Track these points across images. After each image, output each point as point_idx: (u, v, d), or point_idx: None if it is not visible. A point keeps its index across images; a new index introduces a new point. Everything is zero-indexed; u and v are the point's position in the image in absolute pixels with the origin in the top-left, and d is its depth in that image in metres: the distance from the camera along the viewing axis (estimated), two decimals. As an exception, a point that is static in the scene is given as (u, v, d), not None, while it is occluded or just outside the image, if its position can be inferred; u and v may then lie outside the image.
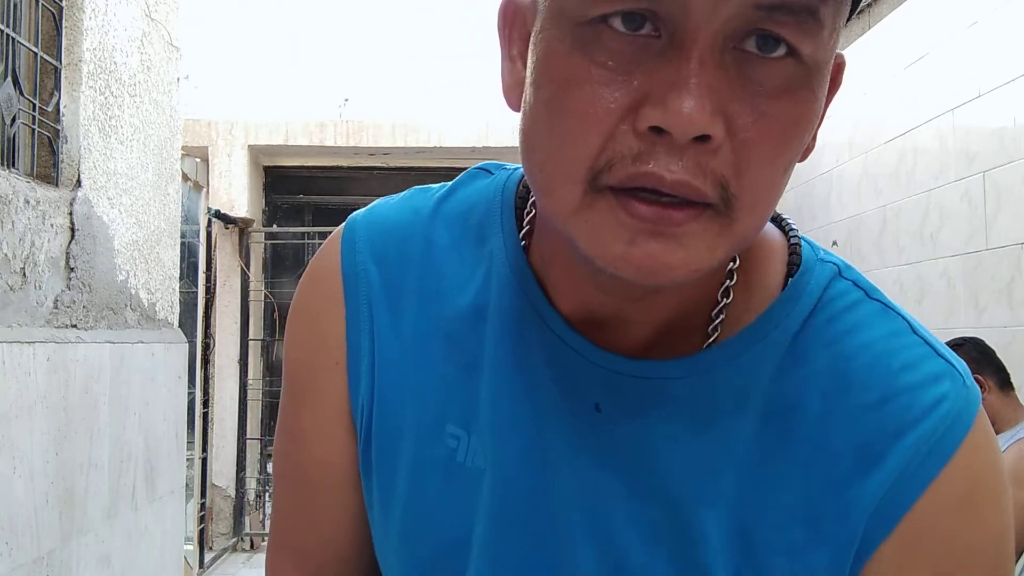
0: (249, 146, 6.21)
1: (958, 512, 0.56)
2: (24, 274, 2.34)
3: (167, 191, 3.41)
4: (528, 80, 0.54)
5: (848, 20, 0.53)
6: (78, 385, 2.53)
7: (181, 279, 3.87)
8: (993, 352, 3.00)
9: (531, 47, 0.54)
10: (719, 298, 0.60)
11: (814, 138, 0.55)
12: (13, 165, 2.46)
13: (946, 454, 0.56)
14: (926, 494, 0.56)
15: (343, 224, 0.71)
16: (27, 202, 2.36)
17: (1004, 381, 2.95)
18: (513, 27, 0.57)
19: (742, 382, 0.58)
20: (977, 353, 2.99)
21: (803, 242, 0.64)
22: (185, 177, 5.62)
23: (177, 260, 3.59)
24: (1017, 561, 2.77)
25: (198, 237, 6.12)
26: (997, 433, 2.90)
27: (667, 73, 0.47)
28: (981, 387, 2.92)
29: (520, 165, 0.62)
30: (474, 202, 0.68)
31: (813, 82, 0.49)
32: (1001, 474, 0.58)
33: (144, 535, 3.04)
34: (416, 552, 0.65)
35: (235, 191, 6.16)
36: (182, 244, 3.99)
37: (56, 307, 2.51)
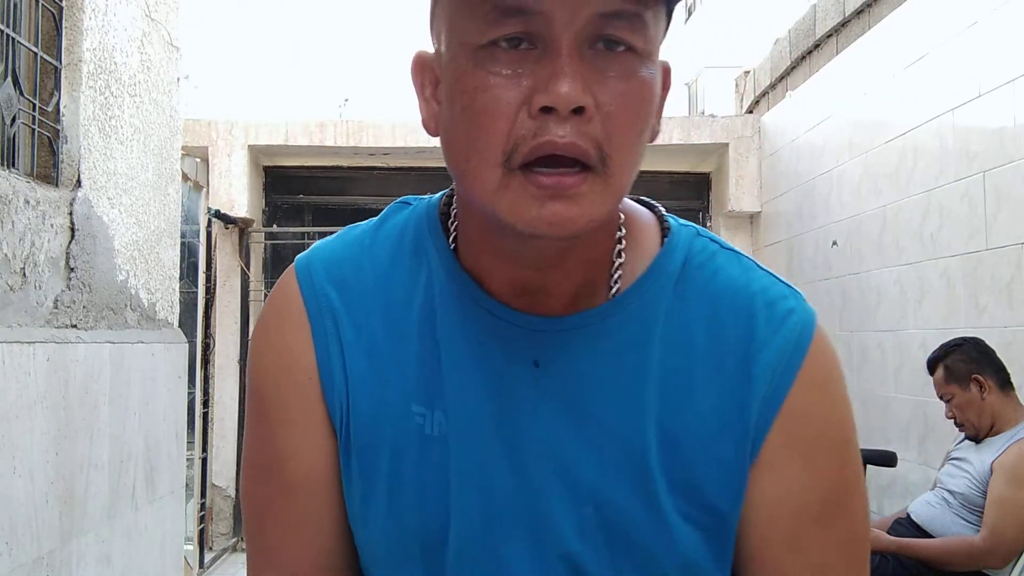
0: (249, 146, 6.20)
1: (819, 393, 0.77)
2: (24, 274, 2.34)
3: (167, 191, 3.41)
4: (445, 102, 0.72)
5: (667, 26, 0.72)
6: (78, 385, 2.53)
7: (181, 279, 3.87)
8: (993, 352, 3.00)
9: (443, 78, 0.72)
10: (614, 260, 0.78)
11: (659, 120, 0.74)
12: (13, 165, 2.46)
13: (803, 351, 0.76)
14: (795, 383, 0.75)
15: (291, 265, 0.85)
16: (27, 202, 2.36)
17: (1004, 381, 2.95)
18: (424, 75, 0.76)
19: (643, 320, 0.77)
20: (977, 353, 2.99)
21: (668, 217, 0.84)
22: (185, 177, 5.62)
23: (177, 260, 3.59)
24: (1017, 561, 2.77)
25: (198, 237, 6.11)
26: (997, 433, 2.91)
27: (546, 70, 0.66)
28: (981, 387, 2.92)
29: (431, 196, 0.85)
30: (403, 226, 0.84)
31: (648, 67, 0.69)
32: (839, 363, 0.79)
33: (144, 535, 3.04)
34: (403, 521, 0.78)
35: (235, 191, 6.16)
36: (182, 244, 3.99)
37: (56, 307, 2.51)
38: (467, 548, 0.77)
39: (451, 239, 0.81)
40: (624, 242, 0.79)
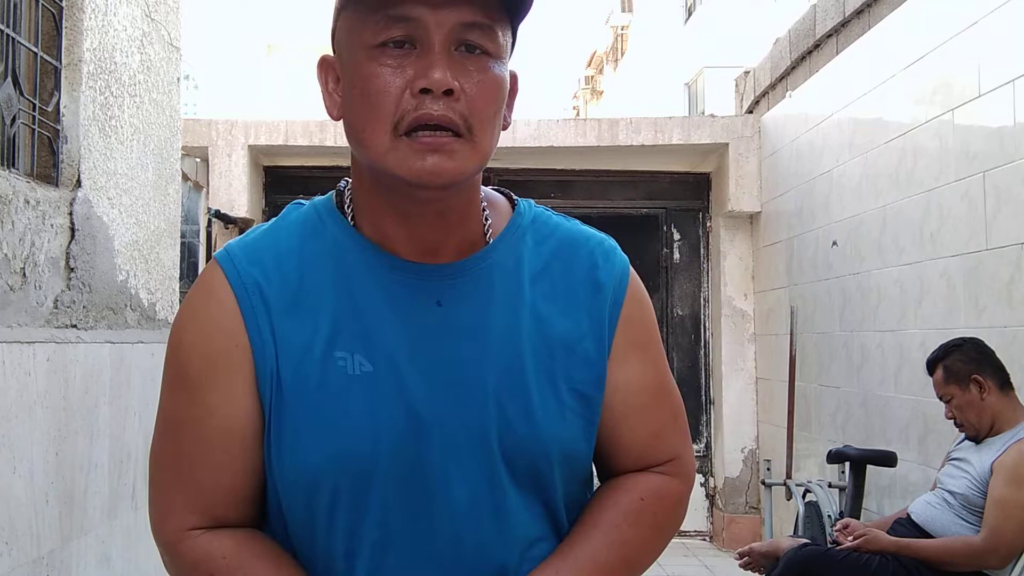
0: (249, 146, 6.20)
1: (640, 304, 1.06)
2: (24, 274, 2.34)
3: (167, 191, 3.41)
4: (345, 91, 0.95)
5: (514, 35, 0.96)
6: (78, 385, 2.53)
7: (181, 279, 3.86)
8: (993, 352, 3.00)
9: (343, 74, 0.95)
10: (484, 222, 1.02)
11: (510, 113, 0.99)
12: (13, 165, 2.46)
13: (627, 275, 1.05)
14: (626, 298, 1.04)
15: (210, 261, 1.01)
16: (27, 202, 2.36)
17: (1004, 381, 2.94)
18: (328, 73, 0.99)
19: (512, 258, 1.01)
20: (977, 353, 2.99)
21: (514, 195, 1.09)
22: (185, 177, 5.62)
23: (177, 260, 3.59)
24: (1017, 562, 2.77)
25: (198, 237, 6.11)
26: (997, 433, 2.91)
27: (423, 63, 0.89)
28: (981, 388, 2.92)
29: (323, 195, 1.05)
30: (304, 218, 1.02)
31: (498, 66, 0.93)
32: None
33: (144, 535, 3.04)
34: (336, 450, 0.93)
35: (235, 191, 6.16)
36: (182, 244, 3.99)
37: (56, 307, 2.51)
38: (396, 463, 0.93)
39: (350, 219, 1.00)
40: (487, 210, 1.03)
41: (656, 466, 1.06)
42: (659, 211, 6.63)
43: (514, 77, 0.99)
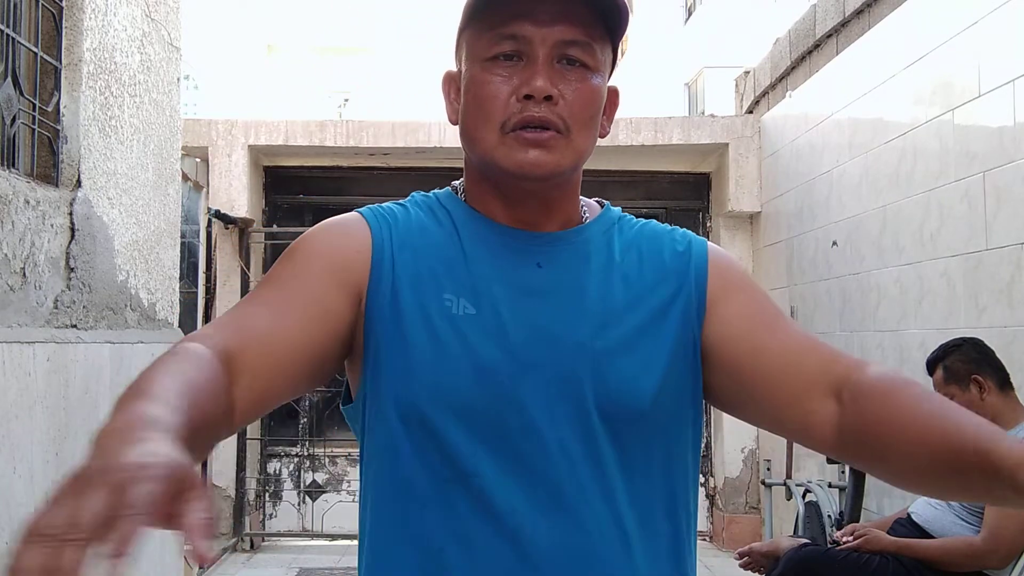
0: (249, 146, 6.20)
1: (730, 261, 1.15)
2: (24, 274, 2.34)
3: (167, 191, 3.41)
4: (463, 98, 1.08)
5: (614, 52, 1.08)
6: (78, 385, 2.53)
7: (181, 279, 3.86)
8: (992, 352, 3.00)
9: (462, 82, 1.08)
10: (581, 211, 1.14)
11: (609, 124, 1.11)
12: (13, 165, 2.46)
13: (706, 247, 1.13)
14: (710, 257, 1.12)
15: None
16: (27, 202, 2.36)
17: (1004, 381, 2.94)
18: (450, 85, 1.13)
19: (603, 237, 1.12)
20: (976, 353, 2.99)
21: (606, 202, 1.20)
22: (185, 177, 5.62)
23: (177, 260, 3.59)
24: (1017, 562, 2.77)
25: (198, 237, 6.11)
26: (997, 433, 2.91)
27: (528, 73, 1.02)
28: (980, 388, 2.92)
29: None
30: (425, 197, 1.16)
31: (595, 78, 1.05)
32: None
33: (144, 535, 3.04)
34: (443, 373, 1.01)
35: (235, 191, 6.16)
36: (182, 244, 3.99)
37: (56, 307, 2.51)
38: (493, 399, 1.01)
39: (463, 201, 1.13)
40: (584, 207, 1.16)
41: (826, 367, 1.01)
42: (659, 211, 6.63)
43: (614, 91, 1.11)
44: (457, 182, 1.16)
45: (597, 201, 1.20)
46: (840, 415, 0.98)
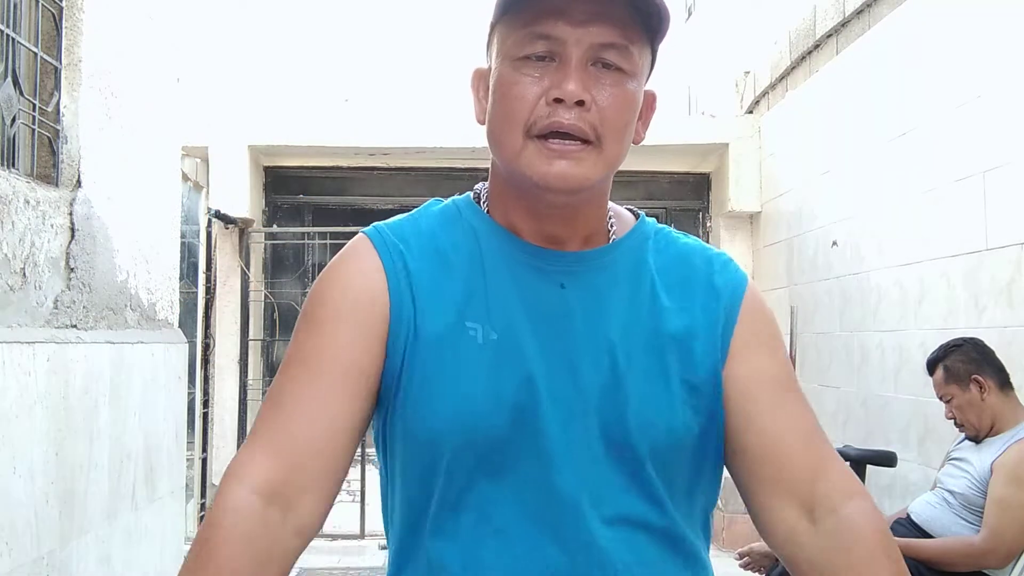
0: (249, 146, 6.20)
1: (760, 305, 1.09)
2: (24, 274, 2.34)
3: (167, 191, 3.41)
4: (491, 97, 1.02)
5: (654, 55, 1.02)
6: (78, 385, 2.53)
7: (181, 279, 3.86)
8: (992, 352, 3.00)
9: (491, 81, 1.02)
10: (609, 228, 1.08)
11: (644, 129, 1.05)
12: (13, 165, 2.46)
13: (745, 280, 1.09)
14: (745, 298, 1.07)
15: (361, 232, 1.07)
16: (27, 202, 2.36)
17: (1004, 381, 2.94)
18: (479, 82, 1.07)
19: (634, 257, 1.07)
20: (977, 353, 2.99)
21: (641, 213, 1.15)
22: (185, 177, 5.62)
23: (177, 260, 3.59)
24: (1017, 562, 2.77)
25: (198, 237, 6.11)
26: (997, 433, 2.90)
27: (560, 75, 0.96)
28: (980, 388, 2.92)
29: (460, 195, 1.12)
30: (443, 210, 1.10)
31: (631, 83, 0.99)
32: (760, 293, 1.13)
33: (144, 535, 3.04)
34: (464, 405, 0.98)
35: (235, 191, 6.16)
36: (182, 244, 3.98)
37: (56, 307, 2.51)
38: (518, 423, 0.98)
39: (485, 211, 1.08)
40: (613, 218, 1.10)
41: (822, 476, 1.01)
42: (659, 211, 6.63)
43: (651, 96, 1.06)
44: (480, 186, 1.11)
45: (630, 210, 1.14)
46: (800, 533, 1.00)
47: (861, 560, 1.00)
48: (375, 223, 1.08)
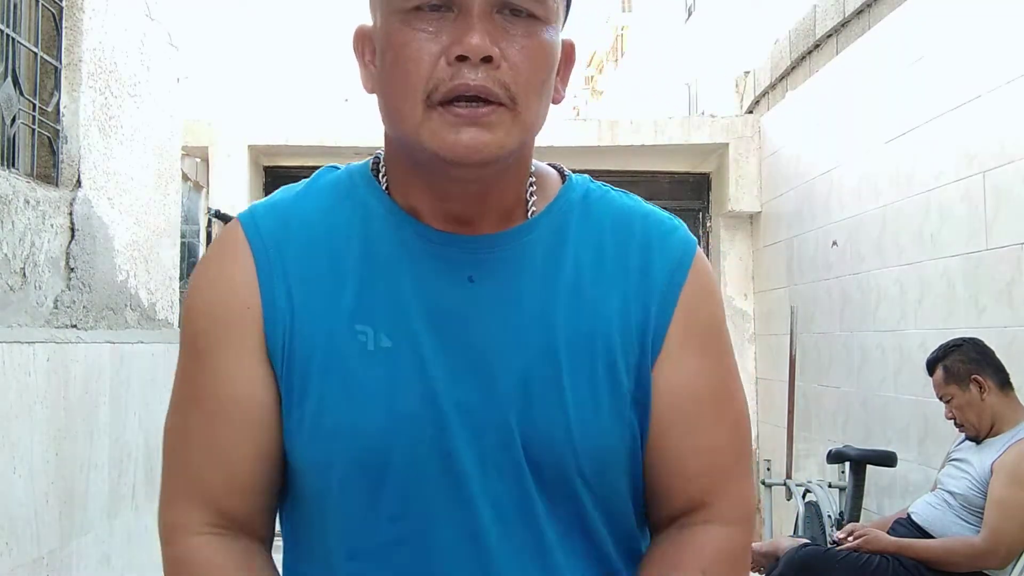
0: (249, 146, 6.20)
1: (705, 293, 0.92)
2: (24, 274, 2.34)
3: (167, 191, 3.41)
4: (378, 60, 0.85)
5: (568, 4, 0.87)
6: (78, 385, 2.53)
7: (181, 279, 3.86)
8: (992, 352, 3.00)
9: (377, 43, 0.85)
10: (528, 198, 0.92)
11: (563, 86, 0.88)
12: (13, 165, 2.46)
13: (691, 257, 0.92)
14: (686, 284, 0.90)
15: (233, 218, 0.93)
16: (27, 202, 2.36)
17: (1004, 381, 2.94)
18: (364, 45, 0.89)
19: (557, 235, 0.90)
20: (976, 353, 2.99)
21: (566, 170, 0.97)
22: (185, 177, 5.61)
23: (177, 260, 3.59)
24: (1017, 562, 2.77)
25: (198, 237, 6.11)
26: (997, 433, 2.90)
27: (460, 28, 0.80)
28: (980, 388, 2.92)
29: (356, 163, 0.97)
30: (337, 181, 0.94)
31: (547, 31, 0.83)
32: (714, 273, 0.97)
33: (144, 535, 3.04)
34: (343, 427, 0.85)
35: (235, 191, 6.16)
36: (182, 244, 3.99)
37: (56, 307, 2.51)
38: (414, 449, 0.85)
39: (383, 187, 0.92)
40: (535, 185, 0.93)
41: (706, 504, 0.91)
42: (659, 211, 6.63)
43: (569, 46, 0.89)
44: (380, 154, 0.95)
45: (555, 168, 0.97)
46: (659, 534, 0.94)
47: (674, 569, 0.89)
48: (253, 203, 0.96)
